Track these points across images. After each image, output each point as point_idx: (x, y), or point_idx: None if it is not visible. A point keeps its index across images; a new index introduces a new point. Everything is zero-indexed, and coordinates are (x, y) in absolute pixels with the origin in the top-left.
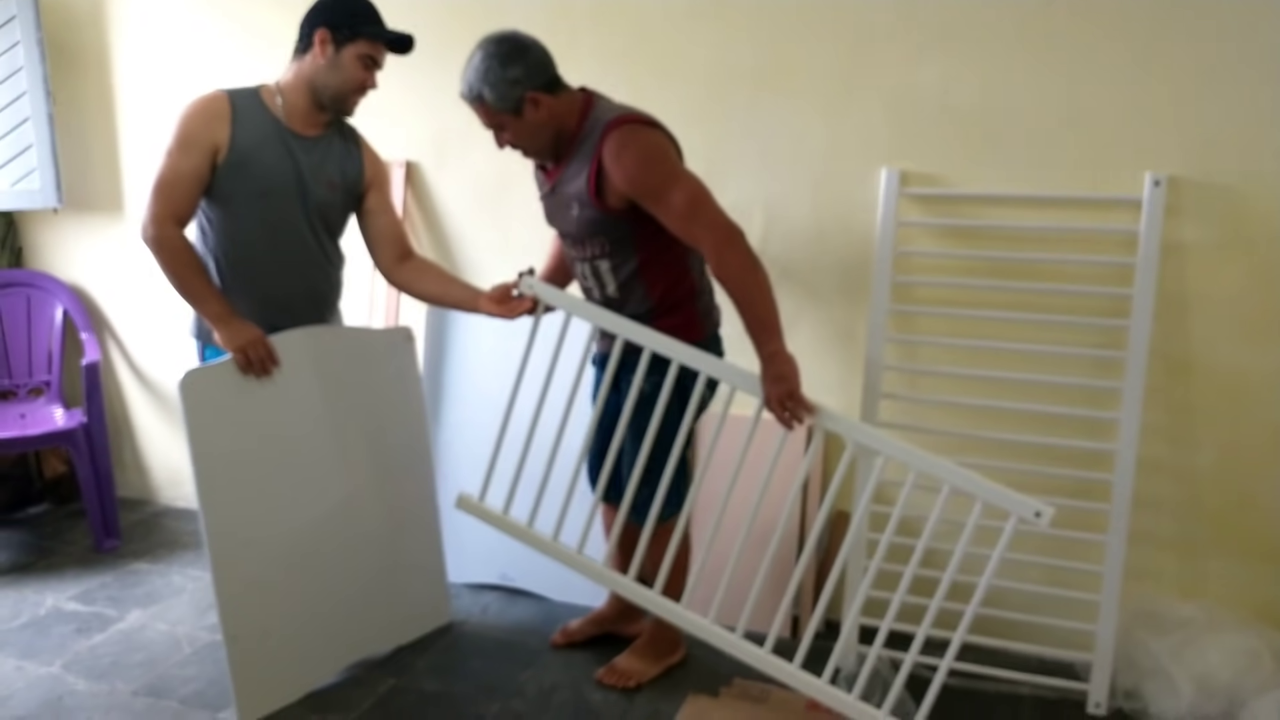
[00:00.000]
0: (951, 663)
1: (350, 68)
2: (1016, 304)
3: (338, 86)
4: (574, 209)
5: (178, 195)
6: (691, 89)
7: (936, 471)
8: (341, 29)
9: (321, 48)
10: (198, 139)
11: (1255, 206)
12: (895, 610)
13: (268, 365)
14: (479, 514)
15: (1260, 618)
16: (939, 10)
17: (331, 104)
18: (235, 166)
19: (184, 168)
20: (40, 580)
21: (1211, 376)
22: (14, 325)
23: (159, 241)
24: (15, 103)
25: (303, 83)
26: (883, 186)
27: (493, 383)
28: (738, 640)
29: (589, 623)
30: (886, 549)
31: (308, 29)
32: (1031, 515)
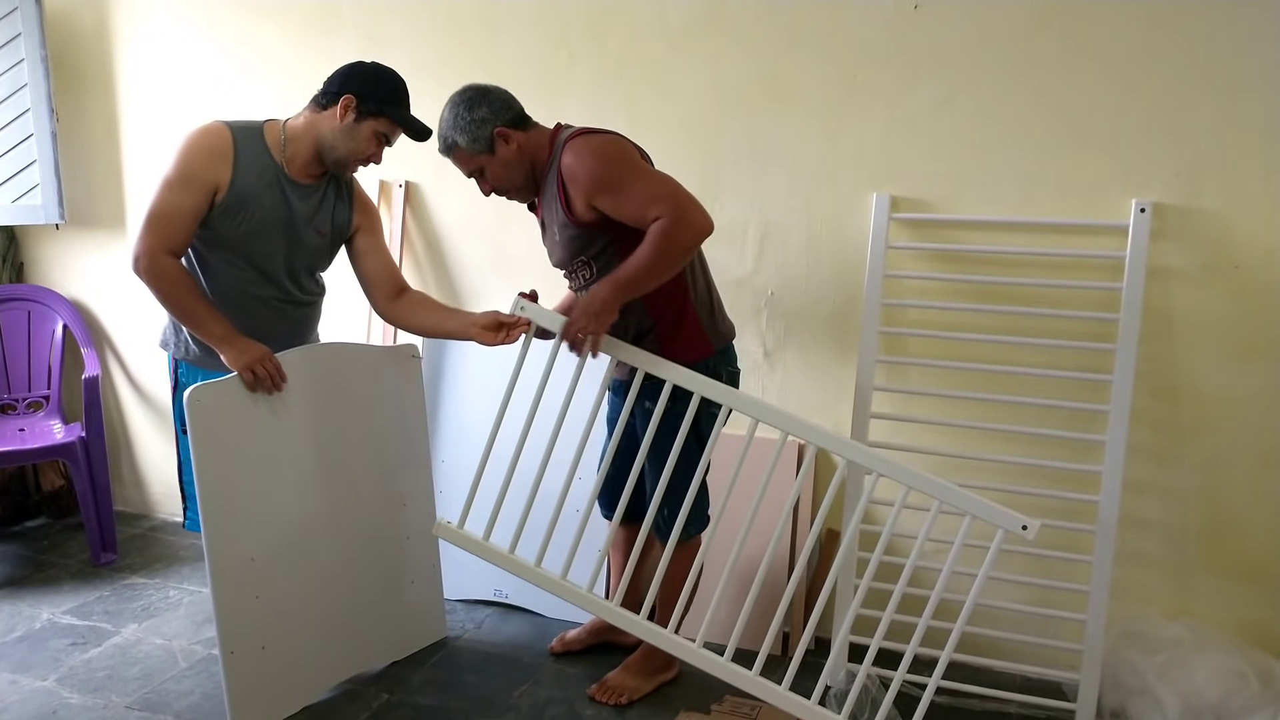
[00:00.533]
0: (939, 681)
1: (365, 140)
2: (1005, 327)
3: (346, 153)
4: (556, 234)
5: (174, 229)
6: (688, 112)
7: (926, 488)
8: (369, 101)
9: (343, 112)
10: (198, 176)
11: (1239, 231)
12: (884, 629)
13: (277, 381)
14: (457, 540)
15: (1246, 638)
16: (931, 37)
17: (333, 165)
18: (231, 208)
19: (184, 203)
20: (36, 594)
21: (1197, 399)
22: (14, 339)
23: (155, 273)
24: (19, 119)
25: (313, 135)
26: (873, 211)
27: (490, 401)
28: (726, 664)
29: (587, 632)
30: (876, 567)
31: (336, 89)
32: (1019, 529)
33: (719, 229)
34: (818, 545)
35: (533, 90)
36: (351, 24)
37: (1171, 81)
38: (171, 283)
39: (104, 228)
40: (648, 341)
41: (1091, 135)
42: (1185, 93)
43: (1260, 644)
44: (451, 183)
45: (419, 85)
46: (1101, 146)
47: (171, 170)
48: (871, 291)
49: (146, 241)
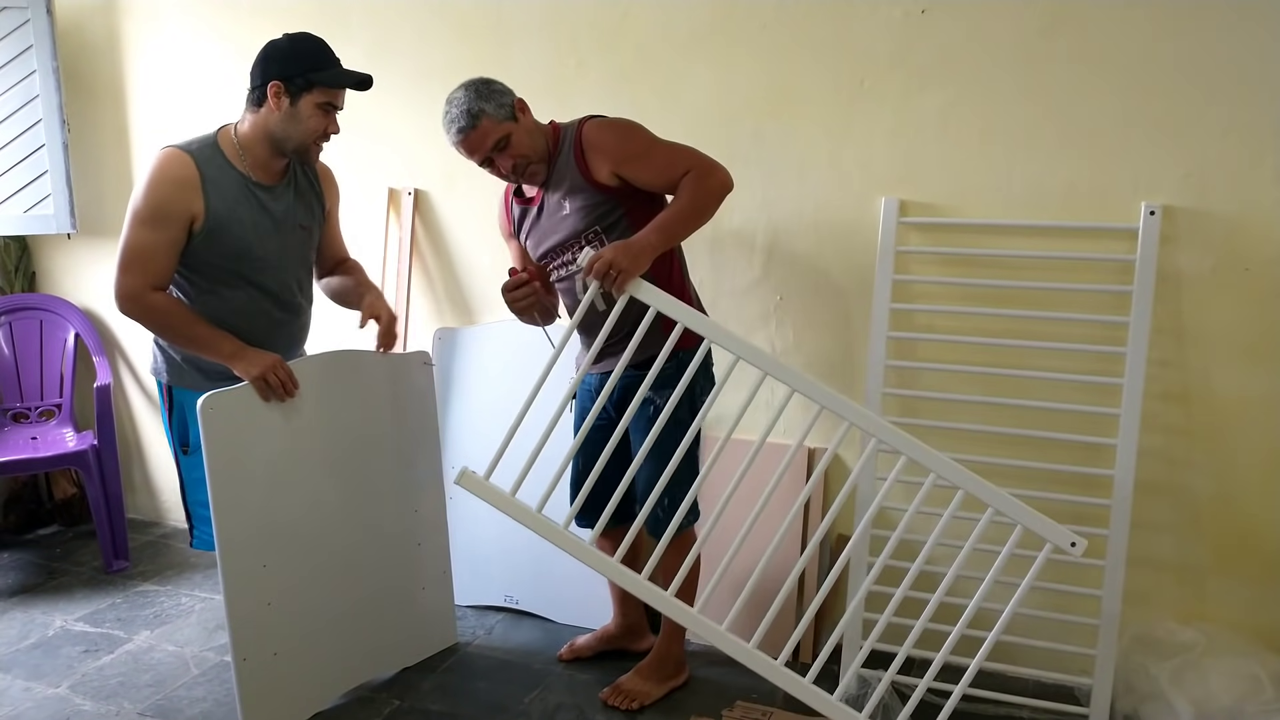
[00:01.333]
0: (964, 689)
1: (310, 119)
2: (1014, 331)
3: (300, 139)
4: (566, 207)
5: (155, 266)
6: (695, 119)
7: (981, 493)
8: (294, 79)
9: (276, 101)
10: (171, 211)
11: (1249, 234)
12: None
13: (290, 388)
14: (480, 491)
15: (1260, 642)
16: (938, 42)
17: (295, 155)
18: (213, 233)
19: (160, 240)
20: (49, 601)
21: (1208, 402)
22: (27, 348)
23: (146, 310)
24: (31, 130)
25: (261, 135)
26: (882, 215)
27: (501, 408)
28: (751, 650)
29: (597, 639)
30: (884, 572)
31: (260, 82)
32: (1068, 545)
33: (727, 235)
34: (826, 551)
35: (541, 97)
36: (360, 32)
37: (1180, 84)
38: (166, 315)
39: (115, 237)
40: (654, 329)
41: (1100, 138)
42: (1194, 95)
43: (1275, 648)
44: (460, 190)
45: (427, 92)
46: (1110, 149)
47: (142, 205)
48: (880, 296)
49: (129, 282)
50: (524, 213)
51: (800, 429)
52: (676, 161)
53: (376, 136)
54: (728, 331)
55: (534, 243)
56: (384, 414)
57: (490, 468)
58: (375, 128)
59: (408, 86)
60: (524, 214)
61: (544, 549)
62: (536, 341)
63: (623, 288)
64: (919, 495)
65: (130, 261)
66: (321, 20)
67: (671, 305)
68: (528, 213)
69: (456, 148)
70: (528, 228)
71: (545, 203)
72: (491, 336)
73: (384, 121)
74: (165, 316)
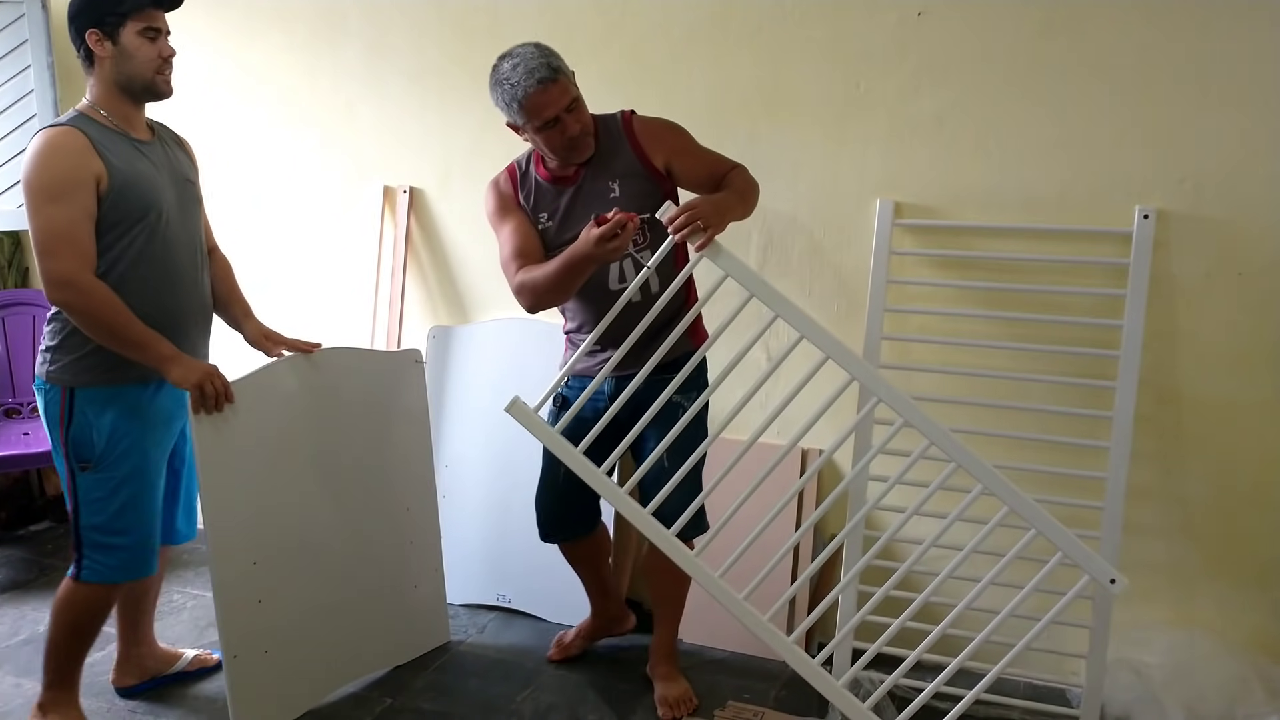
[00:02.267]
0: (938, 687)
1: (139, 49)
2: (1008, 334)
3: (140, 72)
4: (615, 190)
5: (81, 244)
6: (691, 120)
7: (1026, 512)
8: (105, 17)
9: (100, 47)
10: (77, 178)
11: (1242, 238)
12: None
13: (225, 398)
14: (527, 422)
15: (1251, 645)
16: (934, 45)
17: (145, 92)
18: (119, 191)
19: (74, 213)
20: (40, 597)
21: (1201, 406)
22: (19, 344)
23: (87, 295)
24: (25, 125)
25: (110, 88)
26: (877, 217)
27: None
28: (767, 623)
29: (583, 637)
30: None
31: (78, 39)
32: (1107, 582)
33: (721, 236)
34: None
35: None
36: (357, 32)
37: (1175, 89)
38: (104, 304)
39: None
40: (678, 322)
41: (1095, 142)
42: (1189, 100)
43: (1266, 652)
44: (455, 189)
45: (423, 92)
46: (1105, 153)
47: (44, 183)
48: (875, 298)
49: (62, 265)
50: (549, 190)
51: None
52: (722, 160)
53: (372, 135)
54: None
55: (562, 220)
56: (375, 412)
57: (541, 402)
58: (371, 126)
59: (404, 86)
60: (548, 191)
61: (536, 547)
62: (530, 339)
63: (707, 243)
64: (961, 505)
65: (53, 244)
66: (318, 21)
67: (747, 275)
68: (555, 190)
69: (523, 100)
70: (559, 205)
71: (585, 183)
72: (486, 335)
73: (380, 120)
74: (103, 306)
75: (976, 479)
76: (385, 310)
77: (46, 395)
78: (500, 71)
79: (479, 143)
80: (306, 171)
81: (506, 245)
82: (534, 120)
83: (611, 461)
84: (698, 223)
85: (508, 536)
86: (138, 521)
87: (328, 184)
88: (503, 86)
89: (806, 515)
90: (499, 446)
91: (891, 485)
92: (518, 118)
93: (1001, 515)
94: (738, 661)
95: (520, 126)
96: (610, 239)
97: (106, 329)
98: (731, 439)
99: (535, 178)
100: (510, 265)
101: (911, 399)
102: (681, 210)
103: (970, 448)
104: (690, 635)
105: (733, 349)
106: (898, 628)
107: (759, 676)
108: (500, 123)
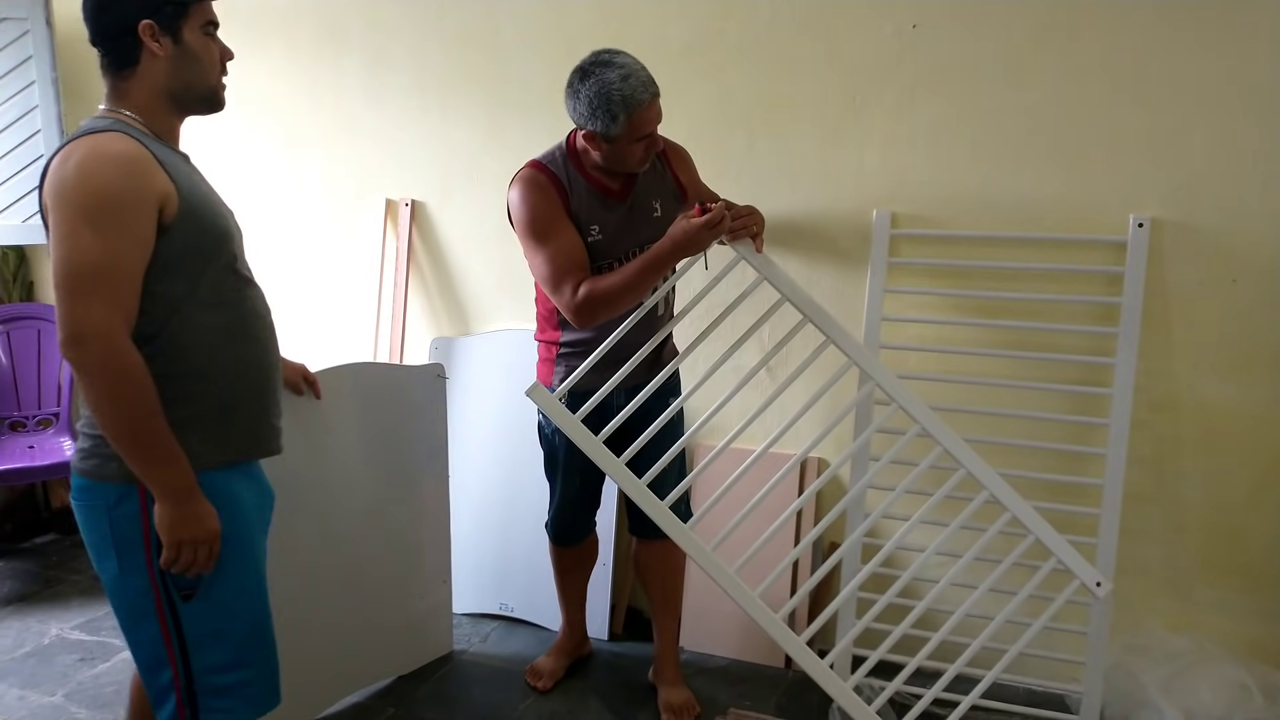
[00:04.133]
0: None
1: (203, 49)
2: (1005, 342)
3: (203, 78)
4: (658, 210)
5: (122, 285)
6: (689, 131)
7: (1027, 519)
8: (162, 11)
9: (157, 45)
10: (135, 198)
11: (1236, 246)
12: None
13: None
14: (547, 405)
15: (1250, 651)
16: (930, 56)
17: (202, 103)
18: (190, 215)
19: (122, 245)
20: (45, 610)
21: (1197, 412)
22: (24, 358)
23: (116, 357)
24: (30, 140)
25: (158, 96)
26: (874, 227)
27: (502, 418)
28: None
29: (566, 657)
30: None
31: (119, 31)
32: (1093, 585)
33: (720, 245)
34: (820, 556)
35: (537, 110)
36: (359, 44)
37: (1169, 98)
38: (135, 381)
39: None
40: (668, 349)
41: (1090, 151)
42: (1183, 109)
43: (1264, 657)
44: (457, 201)
45: (425, 104)
46: (1100, 162)
47: (88, 205)
48: (872, 307)
49: (92, 312)
50: (599, 201)
51: (826, 447)
52: (711, 193)
53: (374, 148)
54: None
55: (614, 234)
56: (395, 426)
57: (564, 390)
58: (373, 139)
59: (406, 98)
60: (599, 202)
61: (539, 557)
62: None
63: (760, 247)
64: (965, 512)
65: (83, 282)
66: (322, 31)
67: (781, 279)
68: (604, 202)
69: (633, 113)
70: (609, 218)
71: (637, 200)
72: (488, 346)
73: (382, 133)
74: (136, 380)
75: (984, 486)
76: (388, 322)
77: (112, 503)
78: (606, 81)
79: (480, 155)
80: (309, 185)
81: (557, 259)
82: (636, 133)
83: (629, 455)
84: (752, 228)
85: (510, 546)
86: (266, 641)
87: (330, 197)
88: (610, 96)
89: (805, 522)
90: (502, 456)
91: (898, 494)
92: (618, 129)
93: (1003, 521)
94: (739, 669)
95: (612, 137)
96: (714, 227)
97: (127, 415)
98: (738, 449)
99: (584, 183)
100: (566, 279)
101: (929, 408)
102: (741, 211)
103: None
104: (691, 643)
105: (744, 357)
106: (899, 634)
107: (760, 684)
108: (502, 134)
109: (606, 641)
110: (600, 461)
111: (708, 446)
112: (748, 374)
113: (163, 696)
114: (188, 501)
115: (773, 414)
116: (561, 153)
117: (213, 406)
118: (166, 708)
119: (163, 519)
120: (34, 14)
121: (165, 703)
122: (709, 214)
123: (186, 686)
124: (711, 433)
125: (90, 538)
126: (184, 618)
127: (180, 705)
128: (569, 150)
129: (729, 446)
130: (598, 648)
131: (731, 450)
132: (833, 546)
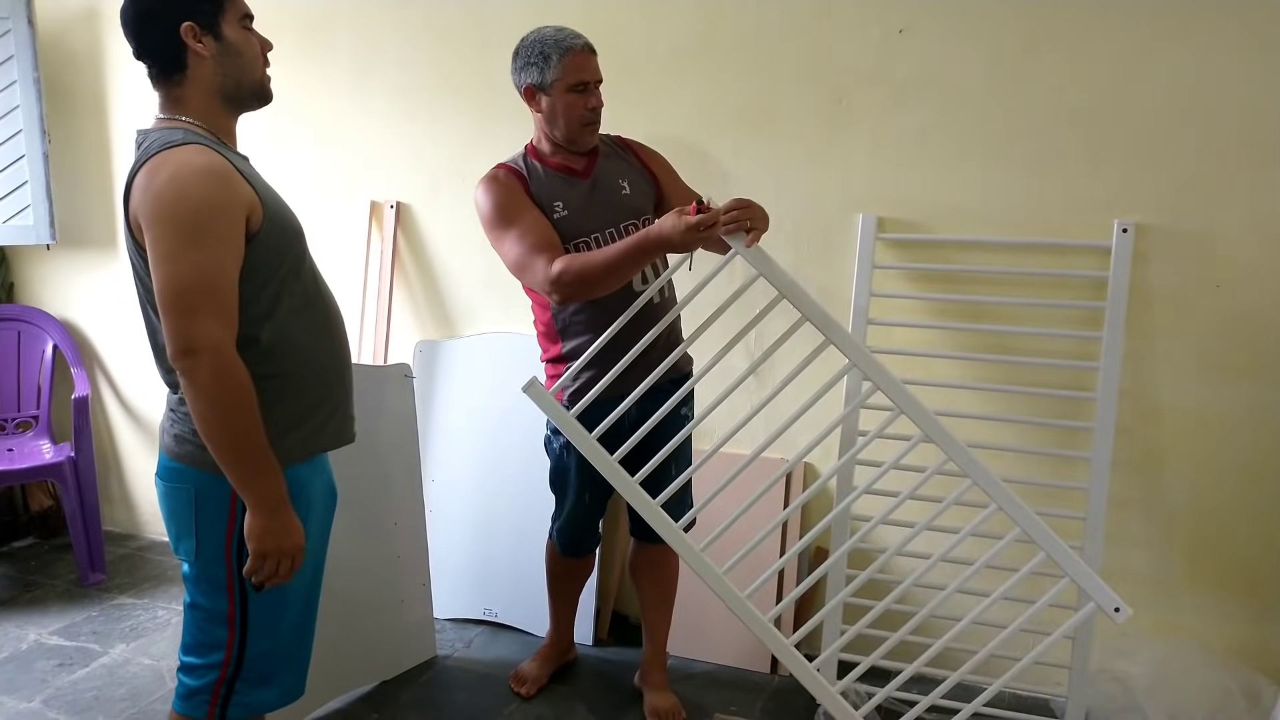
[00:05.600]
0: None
1: (246, 45)
2: (990, 346)
3: (250, 72)
4: (626, 188)
5: (227, 298)
6: (675, 135)
7: (1038, 536)
8: (200, 10)
9: (202, 44)
10: (229, 212)
11: (1220, 251)
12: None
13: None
14: (543, 402)
15: (1232, 653)
16: (916, 61)
17: (253, 98)
18: (272, 220)
19: (225, 259)
20: (23, 614)
21: (1181, 416)
22: (4, 359)
23: (226, 372)
24: (11, 140)
25: (212, 98)
26: (860, 231)
27: (480, 420)
28: (767, 624)
29: (552, 664)
30: (862, 586)
31: (162, 38)
32: (1111, 610)
33: (707, 251)
34: (808, 562)
35: (523, 113)
36: (345, 44)
37: (1154, 104)
38: (243, 394)
39: (95, 249)
40: (679, 331)
41: (1075, 156)
42: (1168, 115)
43: (1247, 661)
44: (442, 204)
45: (411, 106)
46: (1084, 167)
47: (188, 224)
48: (858, 311)
49: (205, 328)
50: (559, 180)
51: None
52: (693, 193)
53: (359, 150)
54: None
55: (581, 210)
56: (363, 426)
57: (559, 386)
58: (359, 141)
59: (392, 100)
60: (559, 181)
61: (522, 562)
62: (517, 353)
63: (754, 242)
64: (973, 523)
65: (195, 299)
66: (308, 31)
67: (781, 277)
68: (565, 181)
69: (564, 55)
70: (573, 196)
71: (600, 178)
72: (472, 349)
73: (367, 135)
74: (242, 394)
75: (993, 500)
76: (372, 325)
77: (201, 489)
78: (540, 32)
79: (466, 158)
80: (293, 186)
81: (526, 238)
82: (569, 78)
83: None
84: (748, 220)
85: (494, 551)
86: (309, 635)
87: (315, 199)
88: (543, 42)
89: (795, 526)
90: (486, 461)
91: (901, 501)
92: (553, 72)
93: (1013, 535)
94: (724, 674)
95: (547, 86)
96: (703, 230)
97: (234, 428)
98: (729, 453)
99: (541, 168)
100: (536, 258)
101: (935, 414)
102: (736, 204)
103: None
104: (677, 648)
105: (733, 360)
106: (894, 643)
107: (745, 689)
108: (488, 137)
109: (591, 646)
110: (593, 458)
111: (699, 451)
112: (741, 375)
113: (199, 675)
114: (278, 513)
115: (764, 417)
116: (522, 153)
117: (305, 403)
118: (201, 687)
119: (253, 528)
120: (15, 13)
121: (200, 681)
122: (702, 215)
123: (235, 671)
124: (700, 436)
125: (172, 518)
126: (251, 605)
127: (218, 684)
128: (528, 150)
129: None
130: (582, 653)
131: (721, 454)
132: (819, 551)
